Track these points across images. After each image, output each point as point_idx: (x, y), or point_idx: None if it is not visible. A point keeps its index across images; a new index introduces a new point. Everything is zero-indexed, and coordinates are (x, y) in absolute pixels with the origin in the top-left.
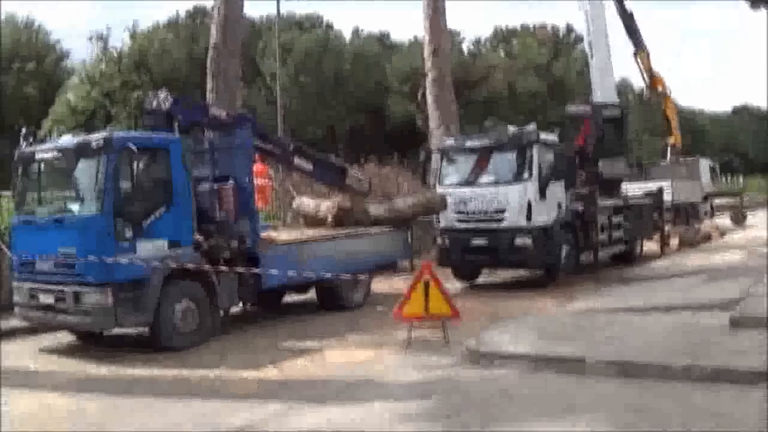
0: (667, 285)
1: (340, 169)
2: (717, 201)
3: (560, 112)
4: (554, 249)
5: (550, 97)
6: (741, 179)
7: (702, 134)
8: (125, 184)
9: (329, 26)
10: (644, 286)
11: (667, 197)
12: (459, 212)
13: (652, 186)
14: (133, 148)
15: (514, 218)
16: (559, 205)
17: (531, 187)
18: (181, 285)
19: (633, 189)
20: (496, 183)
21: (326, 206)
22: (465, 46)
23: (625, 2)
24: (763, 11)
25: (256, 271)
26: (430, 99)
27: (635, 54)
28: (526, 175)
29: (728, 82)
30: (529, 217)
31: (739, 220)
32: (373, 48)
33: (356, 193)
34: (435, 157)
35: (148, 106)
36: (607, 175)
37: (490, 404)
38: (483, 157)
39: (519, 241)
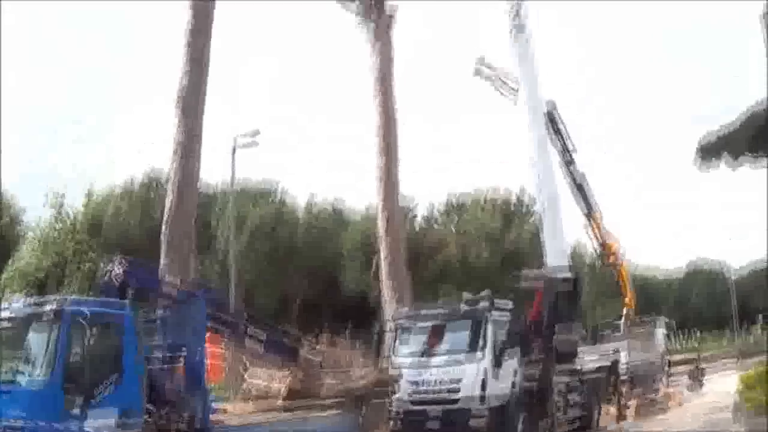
0: None
1: (291, 350)
2: (674, 363)
3: (514, 281)
4: (510, 424)
5: (503, 266)
6: (696, 339)
7: (656, 294)
8: (76, 354)
9: (283, 198)
10: None
11: (622, 362)
12: (412, 391)
13: (607, 352)
14: (85, 318)
15: (467, 397)
16: (514, 378)
17: (485, 364)
18: None
19: (588, 355)
20: (450, 358)
21: (278, 382)
22: (418, 218)
23: (575, 174)
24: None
25: None
26: (383, 273)
27: (587, 220)
28: (479, 350)
29: (683, 240)
30: (483, 396)
31: (696, 381)
32: (327, 218)
33: (309, 369)
34: (388, 330)
35: (102, 277)
36: (561, 343)
37: None
38: (436, 330)
39: (474, 422)
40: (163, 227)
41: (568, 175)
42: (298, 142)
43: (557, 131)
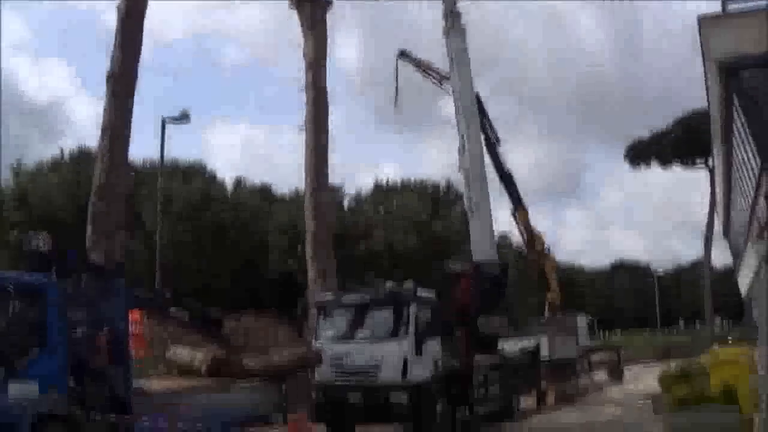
0: None
1: (216, 320)
2: (594, 356)
3: (439, 269)
4: (430, 406)
5: (429, 254)
6: (618, 334)
7: (581, 290)
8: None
9: (212, 177)
10: None
11: (544, 353)
12: (335, 367)
13: (529, 342)
14: (10, 288)
15: (389, 374)
16: (436, 362)
17: (407, 344)
18: (51, 430)
19: (510, 345)
20: (372, 339)
21: (200, 357)
22: (346, 202)
23: (504, 165)
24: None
25: (128, 419)
26: (309, 252)
27: (514, 213)
28: (402, 331)
29: (607, 239)
30: (404, 374)
31: (616, 375)
32: (255, 200)
33: (232, 345)
34: (312, 311)
35: (27, 247)
36: (485, 332)
37: None
38: (360, 312)
39: (394, 398)
40: (91, 204)
41: (497, 163)
42: (228, 123)
43: (484, 119)
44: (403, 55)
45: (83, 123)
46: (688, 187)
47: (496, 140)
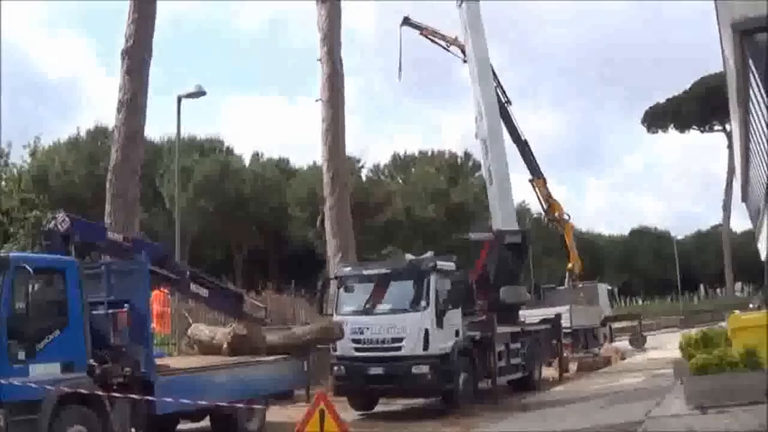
0: (567, 410)
1: (236, 296)
2: (616, 324)
3: (459, 238)
4: (452, 376)
5: (448, 223)
6: (639, 301)
7: (600, 257)
8: (20, 305)
9: (229, 151)
10: (543, 413)
11: (565, 322)
12: (356, 340)
13: (550, 311)
14: (29, 269)
15: (411, 346)
16: (457, 332)
17: (428, 315)
18: (74, 410)
19: (531, 314)
20: (394, 311)
21: (222, 333)
22: (364, 173)
23: (519, 131)
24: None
25: (150, 398)
26: (328, 225)
27: (531, 181)
28: (423, 303)
29: (626, 207)
30: (426, 346)
31: (638, 342)
32: (273, 173)
33: (253, 320)
34: (333, 284)
35: (46, 227)
36: (507, 301)
37: None
38: (380, 285)
39: (416, 369)
40: (108, 180)
41: (511, 128)
42: (245, 96)
43: (496, 84)
44: (406, 22)
45: (100, 101)
46: (707, 152)
47: (507, 101)
